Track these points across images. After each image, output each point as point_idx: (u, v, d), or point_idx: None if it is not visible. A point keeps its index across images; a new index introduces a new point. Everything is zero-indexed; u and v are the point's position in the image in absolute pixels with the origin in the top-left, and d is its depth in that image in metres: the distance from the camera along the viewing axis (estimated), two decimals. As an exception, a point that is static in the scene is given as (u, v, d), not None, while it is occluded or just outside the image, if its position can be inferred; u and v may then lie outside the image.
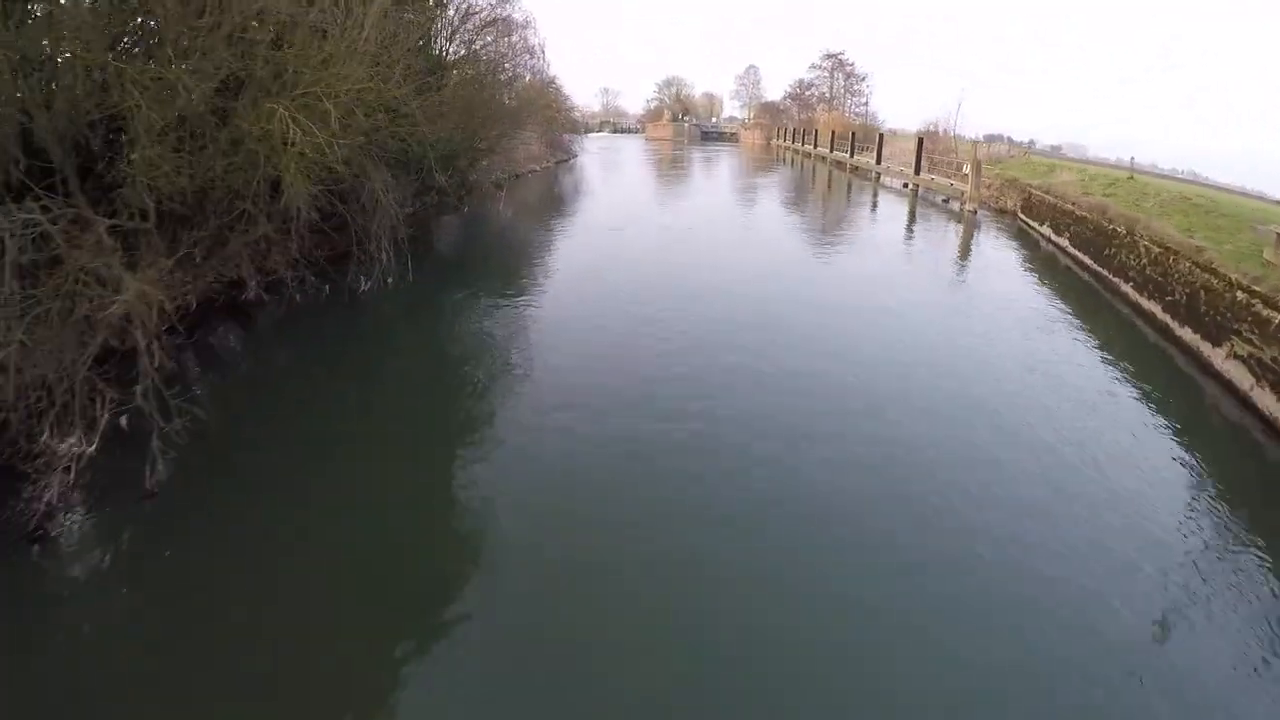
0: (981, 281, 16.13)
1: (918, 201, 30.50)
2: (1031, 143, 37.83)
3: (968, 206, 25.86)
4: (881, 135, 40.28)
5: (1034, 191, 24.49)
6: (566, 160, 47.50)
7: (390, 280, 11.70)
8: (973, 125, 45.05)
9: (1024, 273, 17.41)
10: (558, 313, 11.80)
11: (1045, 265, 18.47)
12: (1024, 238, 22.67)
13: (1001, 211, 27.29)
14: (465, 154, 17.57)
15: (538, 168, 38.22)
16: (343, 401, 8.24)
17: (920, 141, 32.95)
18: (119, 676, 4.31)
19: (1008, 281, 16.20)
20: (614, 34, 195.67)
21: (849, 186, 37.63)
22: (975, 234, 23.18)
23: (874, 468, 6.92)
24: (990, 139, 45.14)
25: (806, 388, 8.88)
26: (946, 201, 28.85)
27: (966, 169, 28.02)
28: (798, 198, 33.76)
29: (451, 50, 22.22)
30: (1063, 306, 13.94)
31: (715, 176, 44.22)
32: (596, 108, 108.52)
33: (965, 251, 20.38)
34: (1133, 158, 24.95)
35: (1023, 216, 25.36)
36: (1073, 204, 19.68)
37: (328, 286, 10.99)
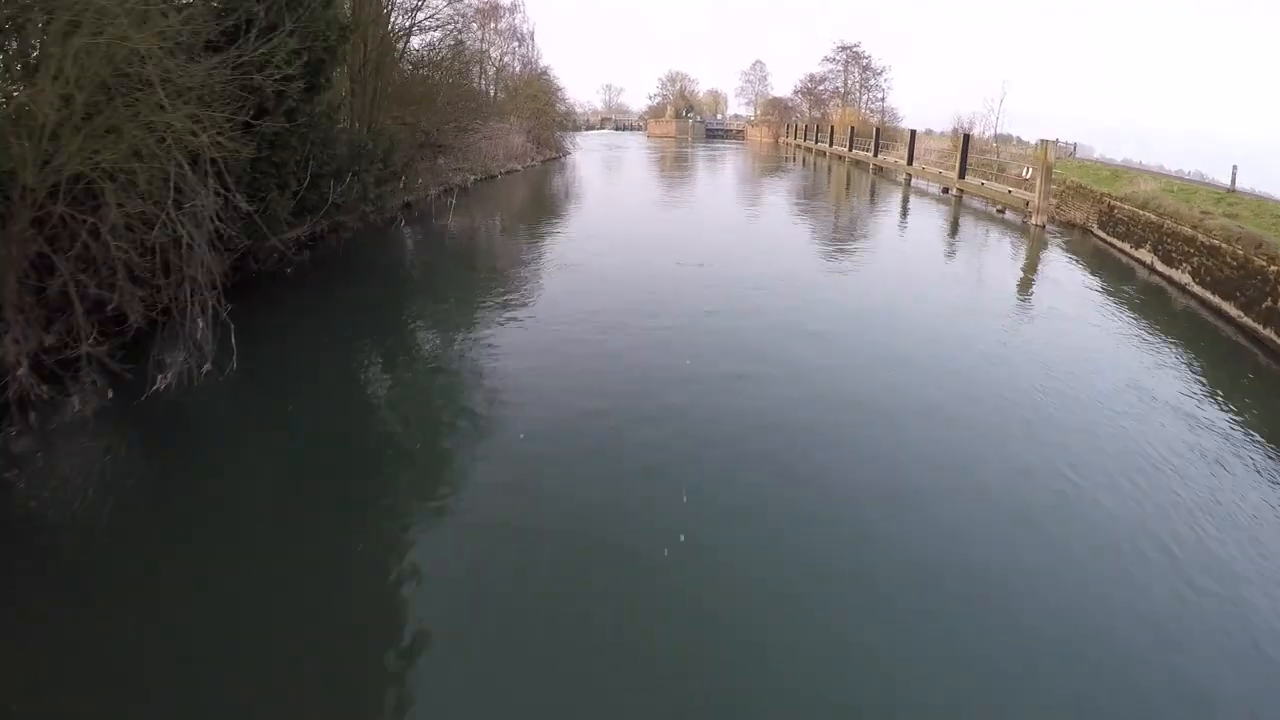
0: (1090, 338, 11.47)
1: (963, 210, 25.84)
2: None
3: (1035, 220, 21.24)
4: (914, 133, 35.56)
5: (1118, 204, 19.87)
6: (558, 158, 42.90)
7: (204, 369, 7.18)
8: (985, 124, 39.88)
9: (1136, 320, 12.75)
10: (449, 449, 7.16)
11: (1158, 306, 13.90)
12: (1109, 262, 18.07)
13: (1068, 225, 22.66)
14: (387, 155, 12.98)
15: (519, 167, 33.58)
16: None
17: (966, 139, 28.24)
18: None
19: (1124, 337, 11.59)
20: (617, 31, 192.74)
21: (874, 190, 32.91)
22: (1046, 255, 18.61)
23: None
24: (1000, 139, 40.62)
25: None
26: (1001, 212, 24.21)
27: (1027, 174, 23.44)
28: (825, 210, 27.84)
29: (398, 22, 17.72)
30: (1212, 384, 9.37)
31: (723, 179, 39.48)
32: (599, 104, 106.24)
33: (1047, 284, 15.76)
34: (1235, 168, 20.21)
35: (1100, 233, 20.74)
36: (1193, 227, 15.06)
37: (76, 398, 6.42)
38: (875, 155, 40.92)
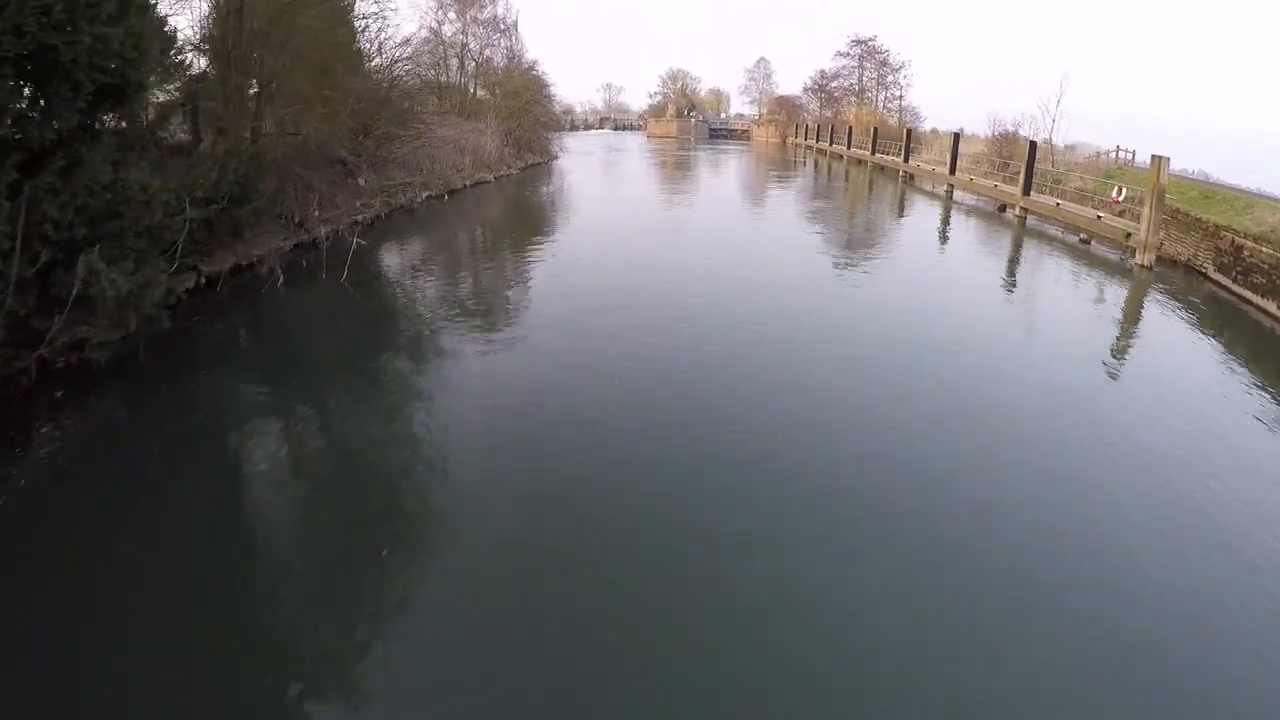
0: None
1: (1033, 238, 21.01)
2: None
3: (1140, 259, 16.55)
4: (957, 136, 30.68)
5: (1250, 244, 15.19)
6: (542, 164, 38.14)
7: None
8: (1038, 127, 34.04)
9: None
10: None
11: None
12: (1245, 325, 13.48)
13: (1169, 262, 17.94)
14: (247, 184, 8.34)
15: (491, 177, 28.76)
16: None
17: (1032, 148, 23.39)
18: None
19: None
20: (617, 31, 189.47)
21: (914, 207, 28.09)
22: (1149, 308, 14.00)
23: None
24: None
25: None
26: (1086, 242, 19.46)
27: (1119, 195, 18.76)
28: (870, 238, 21.45)
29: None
30: None
31: (733, 193, 34.54)
32: (599, 104, 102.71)
33: (1178, 364, 11.03)
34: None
35: (1219, 278, 16.05)
36: None
37: None
38: (906, 161, 36.09)
